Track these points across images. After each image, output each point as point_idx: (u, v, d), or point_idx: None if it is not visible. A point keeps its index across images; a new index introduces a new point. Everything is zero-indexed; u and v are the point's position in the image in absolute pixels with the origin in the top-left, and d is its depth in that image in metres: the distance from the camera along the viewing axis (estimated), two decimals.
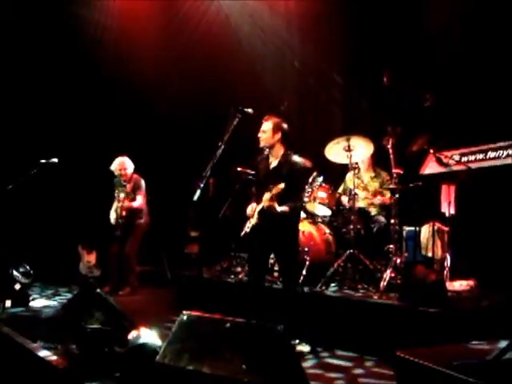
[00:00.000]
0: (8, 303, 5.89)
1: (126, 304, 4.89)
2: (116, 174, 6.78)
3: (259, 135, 4.58)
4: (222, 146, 3.91)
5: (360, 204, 5.86)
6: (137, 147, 7.38)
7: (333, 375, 3.91)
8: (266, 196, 4.32)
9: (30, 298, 6.34)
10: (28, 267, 6.46)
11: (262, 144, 4.59)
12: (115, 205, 6.77)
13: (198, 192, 3.56)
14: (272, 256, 5.02)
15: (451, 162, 4.76)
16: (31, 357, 4.47)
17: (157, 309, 6.04)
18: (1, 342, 4.95)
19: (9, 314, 5.68)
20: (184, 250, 7.58)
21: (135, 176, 6.82)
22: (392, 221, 5.28)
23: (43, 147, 7.03)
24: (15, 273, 6.25)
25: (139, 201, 6.68)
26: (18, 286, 6.15)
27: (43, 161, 6.27)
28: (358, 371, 4.03)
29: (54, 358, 4.25)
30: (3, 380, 4.55)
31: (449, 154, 4.81)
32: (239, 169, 5.96)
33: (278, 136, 4.52)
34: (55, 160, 6.35)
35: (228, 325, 2.91)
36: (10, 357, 4.73)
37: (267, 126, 4.53)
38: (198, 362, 2.80)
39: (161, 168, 8.05)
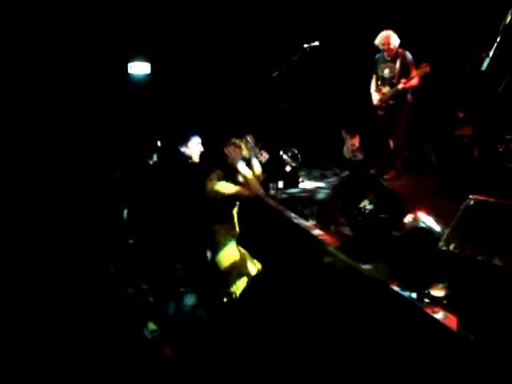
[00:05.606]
0: (280, 184, 6.31)
1: (392, 188, 4.76)
2: (380, 48, 6.30)
3: None
4: None
5: None
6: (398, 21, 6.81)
7: None
8: None
9: (300, 180, 6.69)
10: (296, 151, 6.75)
11: None
12: (373, 84, 6.47)
13: (487, 61, 3.04)
14: None
15: None
16: (304, 234, 4.73)
17: (424, 194, 5.78)
18: (275, 218, 5.36)
19: (282, 194, 6.08)
20: (454, 132, 6.99)
21: (401, 50, 6.22)
22: None
23: (303, 34, 7.00)
24: (285, 156, 6.61)
25: (416, 79, 6.10)
26: (288, 169, 6.54)
27: (305, 45, 6.30)
28: None
29: (327, 237, 4.43)
30: (278, 254, 4.95)
31: None
32: None
33: None
34: (317, 43, 6.32)
35: None
36: (283, 233, 5.10)
37: None
38: (488, 253, 2.52)
39: (422, 43, 7.35)
